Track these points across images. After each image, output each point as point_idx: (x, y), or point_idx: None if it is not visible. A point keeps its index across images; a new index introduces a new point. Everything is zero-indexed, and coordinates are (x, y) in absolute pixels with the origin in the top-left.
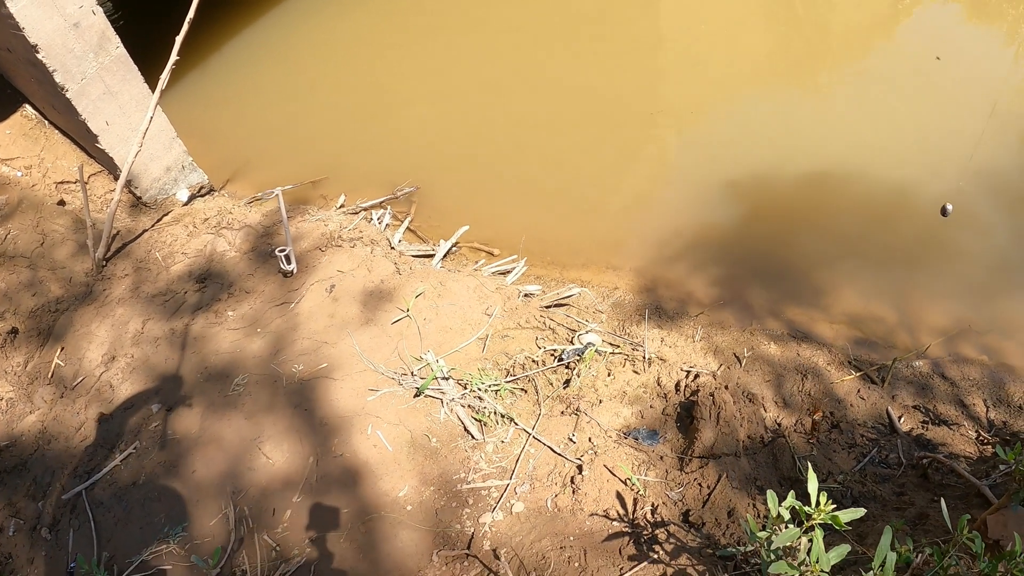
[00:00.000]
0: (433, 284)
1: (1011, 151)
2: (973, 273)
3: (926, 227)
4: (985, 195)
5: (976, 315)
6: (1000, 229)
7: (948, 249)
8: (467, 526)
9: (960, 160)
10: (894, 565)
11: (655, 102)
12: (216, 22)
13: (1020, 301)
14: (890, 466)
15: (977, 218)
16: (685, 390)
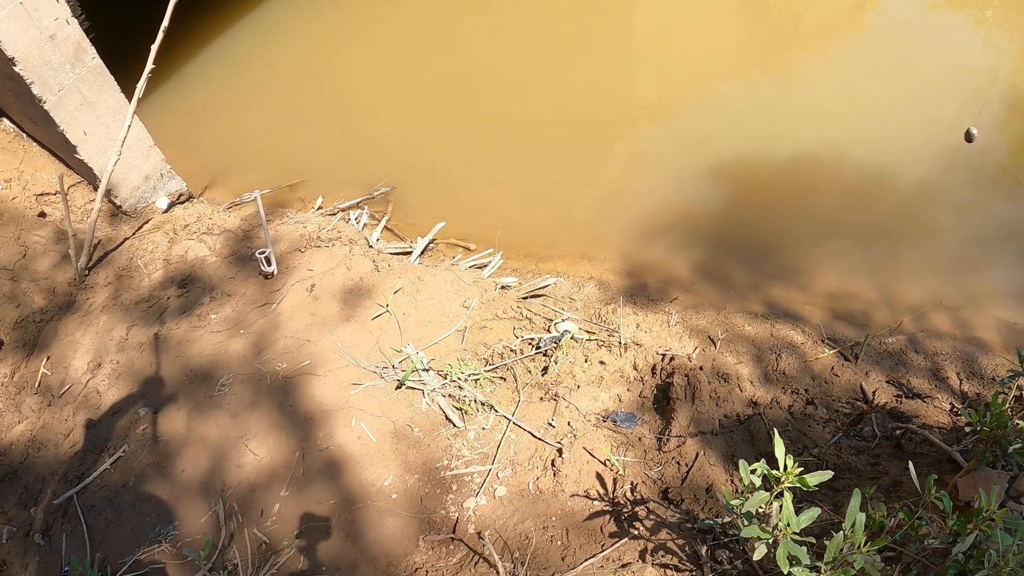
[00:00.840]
0: (411, 279)
1: (981, 131)
2: (946, 250)
3: (901, 206)
4: (955, 174)
5: (949, 290)
6: (971, 206)
7: (922, 227)
8: (451, 511)
9: (934, 140)
10: (868, 528)
11: (630, 97)
12: (188, 32)
13: (992, 276)
14: (865, 438)
15: (950, 196)
16: (661, 373)
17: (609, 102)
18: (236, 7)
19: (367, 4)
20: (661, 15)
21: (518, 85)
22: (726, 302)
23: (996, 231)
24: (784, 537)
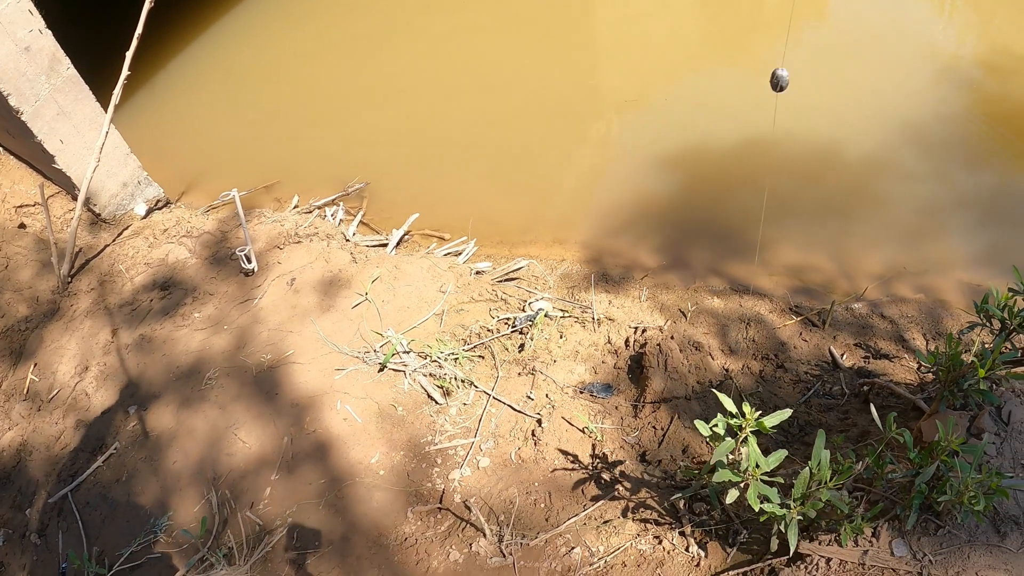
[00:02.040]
0: (388, 268)
1: (929, 105)
2: (905, 219)
3: (856, 180)
4: (907, 146)
5: (911, 257)
6: (924, 175)
7: (879, 199)
8: (437, 483)
9: (884, 117)
10: (835, 470)
11: (594, 91)
12: (158, 42)
13: (951, 241)
14: (834, 397)
15: (902, 167)
16: (634, 344)
17: (574, 97)
18: (203, 16)
19: (335, 10)
20: (623, 11)
21: (486, 84)
22: (694, 279)
23: (952, 197)
24: (753, 479)
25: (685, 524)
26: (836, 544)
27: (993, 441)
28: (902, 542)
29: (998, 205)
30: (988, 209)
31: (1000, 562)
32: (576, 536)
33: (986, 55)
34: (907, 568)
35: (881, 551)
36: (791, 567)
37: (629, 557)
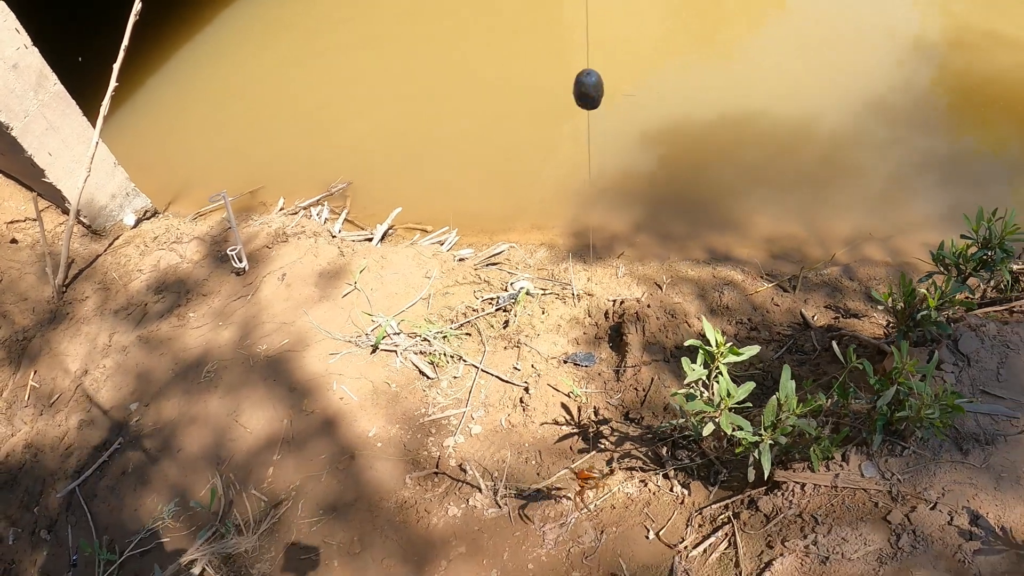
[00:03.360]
0: (375, 259)
1: (895, 81)
2: (872, 187)
3: (826, 153)
4: (874, 118)
5: (878, 223)
6: (891, 144)
7: (848, 169)
8: (433, 451)
9: (852, 93)
10: (802, 399)
11: (565, 83)
12: (138, 60)
13: (916, 206)
14: (806, 352)
15: (871, 138)
16: (613, 316)
17: (549, 93)
18: (179, 33)
19: (312, 21)
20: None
21: (462, 85)
22: (669, 253)
23: (916, 165)
24: (725, 408)
25: (668, 468)
26: (809, 470)
27: (951, 371)
28: (871, 464)
29: (959, 170)
30: (950, 174)
31: (965, 477)
32: (567, 484)
33: (948, 32)
34: (877, 487)
35: (851, 474)
36: (769, 495)
37: (617, 500)
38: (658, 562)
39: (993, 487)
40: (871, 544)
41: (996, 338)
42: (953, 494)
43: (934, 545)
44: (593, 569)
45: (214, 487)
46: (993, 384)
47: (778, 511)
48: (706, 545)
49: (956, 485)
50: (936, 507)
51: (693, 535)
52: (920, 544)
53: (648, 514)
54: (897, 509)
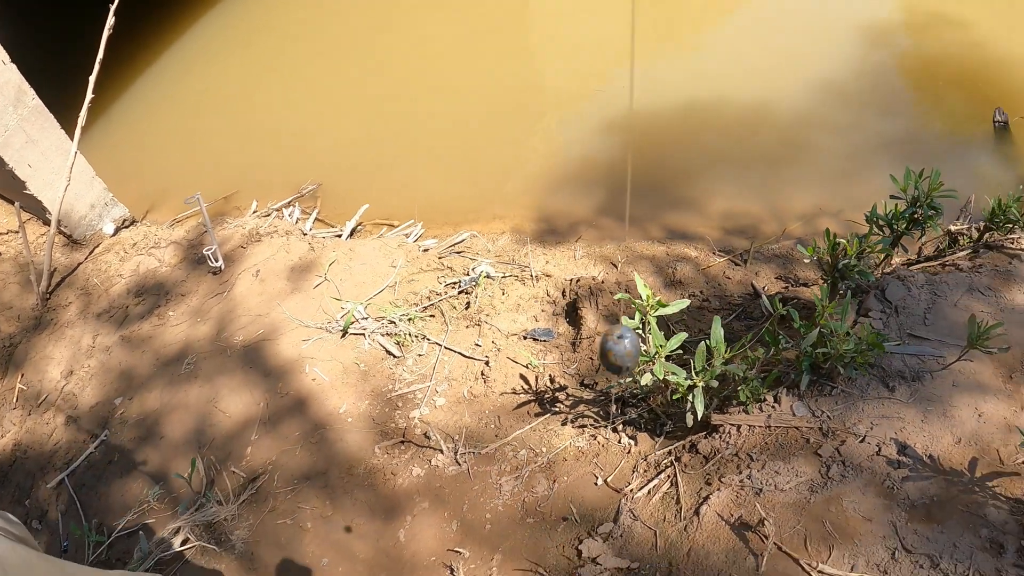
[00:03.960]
0: (344, 252)
1: (847, 63)
2: (826, 165)
3: (781, 134)
4: (828, 100)
5: (832, 199)
6: (845, 126)
7: (802, 148)
8: (400, 422)
9: (807, 77)
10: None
11: (528, 78)
12: (110, 76)
13: (868, 181)
14: (755, 319)
15: (825, 119)
16: (570, 294)
17: (512, 91)
18: (150, 48)
19: (280, 33)
20: (555, 6)
21: (427, 87)
22: (625, 236)
23: (869, 143)
24: (659, 357)
25: (617, 422)
26: (744, 413)
27: (879, 317)
28: (801, 404)
29: (912, 147)
30: (902, 151)
31: (892, 411)
32: (522, 442)
33: (896, 14)
34: (808, 424)
35: (783, 413)
36: (708, 438)
37: (569, 453)
38: (606, 505)
39: (920, 420)
40: (802, 475)
41: (924, 287)
42: (881, 427)
43: (863, 474)
44: (546, 514)
45: (195, 460)
46: (920, 328)
47: (716, 452)
48: (650, 487)
49: (883, 419)
50: (865, 440)
51: (639, 479)
52: (849, 473)
53: (597, 464)
54: (827, 443)
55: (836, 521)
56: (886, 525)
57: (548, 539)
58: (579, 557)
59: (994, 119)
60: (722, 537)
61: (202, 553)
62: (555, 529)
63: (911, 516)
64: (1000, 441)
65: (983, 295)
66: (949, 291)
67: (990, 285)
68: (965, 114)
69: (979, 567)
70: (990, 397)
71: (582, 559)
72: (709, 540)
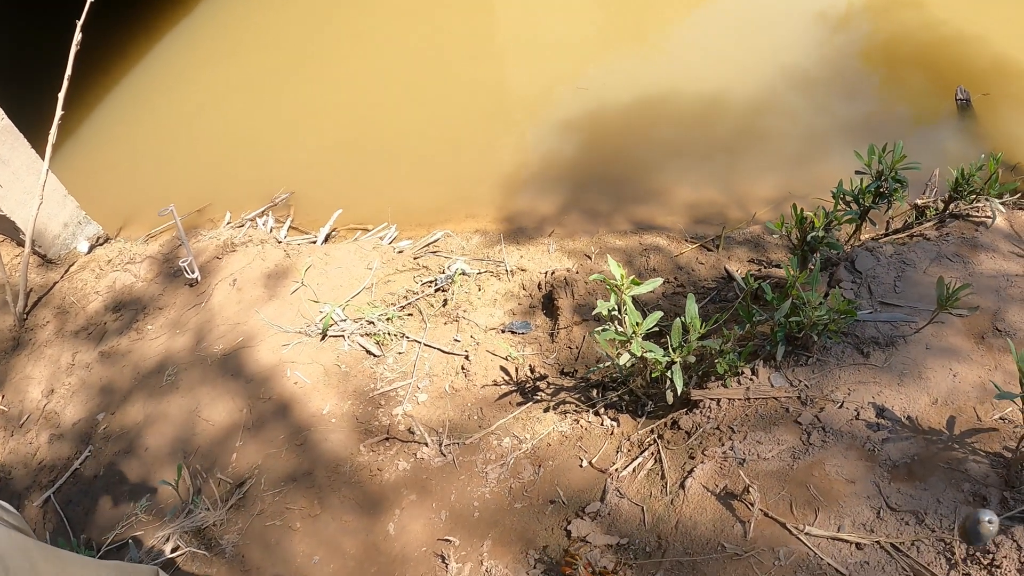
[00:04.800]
0: (319, 257)
1: (807, 49)
2: (790, 149)
3: (742, 122)
4: (791, 86)
5: (797, 183)
6: (805, 110)
7: (762, 134)
8: (383, 420)
9: (765, 64)
10: (704, 326)
11: (499, 84)
12: (80, 92)
13: (831, 164)
14: (729, 301)
15: (783, 105)
16: (545, 286)
17: (480, 94)
18: (119, 65)
19: (245, 48)
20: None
21: (395, 93)
22: (597, 228)
23: (831, 126)
24: (636, 336)
25: (599, 405)
26: (722, 387)
27: (850, 288)
28: (778, 375)
29: (875, 128)
30: (865, 132)
31: (868, 376)
32: (505, 430)
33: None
34: (786, 394)
35: (761, 385)
36: (689, 414)
37: (553, 438)
38: (592, 486)
39: (897, 383)
40: (784, 443)
41: (892, 256)
42: (858, 392)
43: (844, 438)
44: (533, 499)
45: (180, 466)
46: (891, 296)
47: (697, 427)
48: (634, 465)
49: (860, 385)
50: (843, 405)
51: (623, 459)
52: (830, 438)
53: (581, 447)
54: (807, 411)
55: (820, 485)
56: (870, 486)
57: (536, 522)
58: (568, 537)
59: (956, 97)
60: (708, 508)
61: (193, 559)
62: (543, 512)
63: (894, 476)
64: (976, 399)
65: (951, 262)
66: (918, 260)
67: (957, 252)
68: (927, 93)
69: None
70: (963, 359)
71: (572, 539)
72: (696, 511)
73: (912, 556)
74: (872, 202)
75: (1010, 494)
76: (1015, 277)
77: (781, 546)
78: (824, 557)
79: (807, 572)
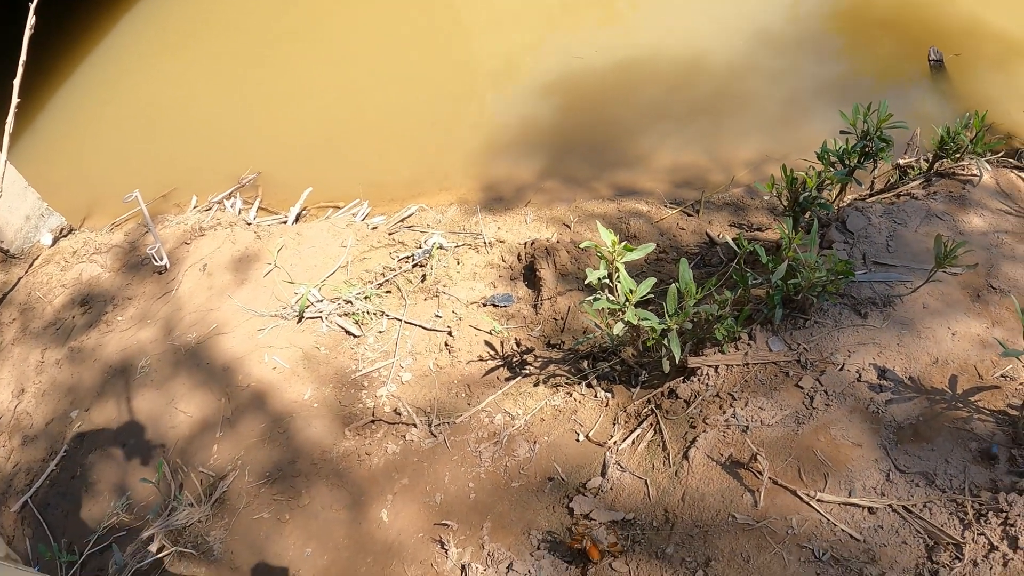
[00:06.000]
0: (291, 237)
1: (780, 12)
2: (767, 112)
3: (720, 85)
4: (765, 49)
5: (776, 145)
6: (783, 72)
7: (742, 97)
8: (368, 402)
9: (741, 27)
10: (700, 290)
11: (463, 58)
12: (36, 82)
13: (810, 125)
14: (713, 266)
15: (762, 68)
16: (525, 257)
17: (445, 68)
18: (75, 51)
19: (207, 26)
20: None
21: (358, 71)
22: (575, 195)
23: (808, 88)
24: (629, 304)
25: (591, 377)
26: (720, 353)
27: (842, 248)
28: (776, 338)
29: (850, 89)
30: (841, 94)
31: (867, 337)
32: (496, 407)
33: None
34: (785, 358)
35: (760, 350)
36: (686, 382)
37: (546, 413)
38: (590, 460)
39: (896, 343)
40: (787, 408)
41: (883, 216)
42: (858, 354)
43: (847, 401)
44: (531, 477)
45: (161, 463)
46: (884, 255)
47: (696, 395)
48: (633, 437)
49: (860, 346)
50: (844, 367)
51: (621, 431)
52: (833, 401)
53: (576, 420)
54: (807, 375)
55: (827, 450)
56: (877, 449)
57: (536, 501)
58: (571, 515)
59: (929, 58)
60: (715, 478)
61: (180, 559)
62: (542, 490)
63: (900, 437)
64: (976, 357)
65: (941, 220)
66: (908, 218)
67: (946, 210)
68: (901, 55)
69: (973, 479)
70: (961, 316)
71: (575, 516)
72: (702, 482)
73: (925, 518)
74: (858, 162)
75: (1018, 452)
76: (1006, 234)
77: (793, 514)
78: (838, 524)
79: (822, 540)
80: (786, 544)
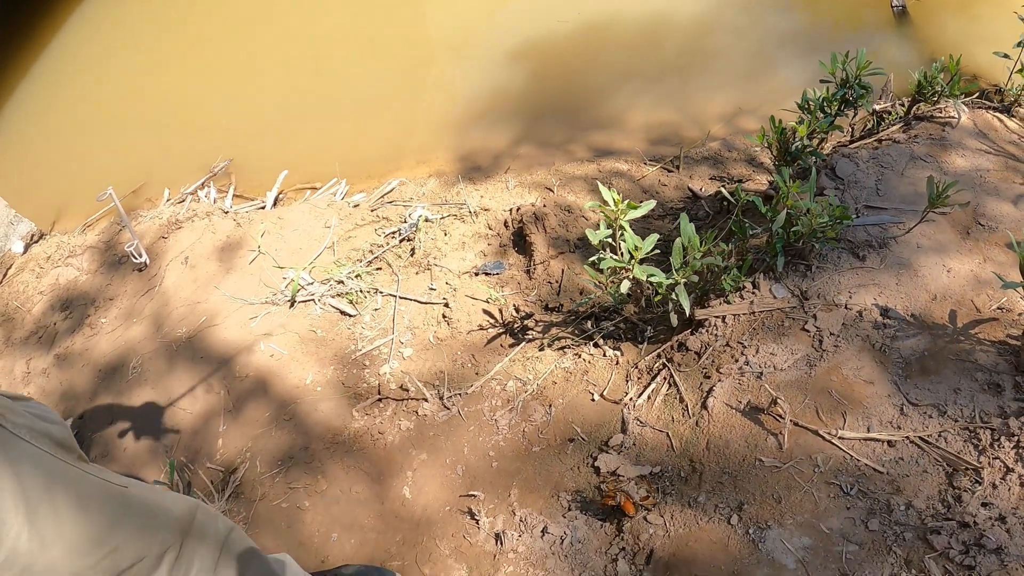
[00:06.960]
0: (272, 221)
1: None
2: (736, 66)
3: (687, 42)
4: (728, 5)
5: (748, 97)
6: (747, 26)
7: (709, 52)
8: (372, 381)
9: None
10: (704, 244)
11: (425, 32)
12: None
13: (780, 77)
14: (700, 219)
15: (727, 23)
16: (513, 223)
17: (408, 42)
18: (28, 51)
19: (161, 16)
20: None
21: (324, 47)
22: (554, 159)
23: (775, 41)
24: (635, 260)
25: (597, 337)
26: (725, 304)
27: (834, 194)
28: (779, 286)
29: (817, 40)
30: (809, 45)
31: (867, 279)
32: (506, 374)
33: None
34: (790, 304)
35: (764, 298)
36: (695, 335)
37: (557, 376)
38: (608, 419)
39: (895, 283)
40: (798, 352)
41: (870, 161)
42: (860, 295)
43: (855, 340)
44: (551, 440)
45: (172, 463)
46: (874, 199)
47: (707, 346)
48: (649, 392)
49: (860, 287)
50: (848, 308)
51: (635, 387)
52: (841, 342)
53: (588, 380)
54: (813, 319)
55: (841, 389)
56: (888, 384)
57: (560, 463)
58: (598, 474)
59: (892, 4)
60: (736, 425)
61: None
62: (564, 452)
63: (908, 372)
64: (972, 292)
65: (925, 162)
66: (894, 162)
67: (929, 152)
68: (864, 2)
69: (982, 407)
70: (954, 253)
71: (602, 475)
72: (724, 430)
73: (942, 447)
74: (839, 109)
75: (1023, 379)
76: (987, 171)
77: (818, 453)
78: (860, 459)
79: (847, 475)
80: (815, 482)
